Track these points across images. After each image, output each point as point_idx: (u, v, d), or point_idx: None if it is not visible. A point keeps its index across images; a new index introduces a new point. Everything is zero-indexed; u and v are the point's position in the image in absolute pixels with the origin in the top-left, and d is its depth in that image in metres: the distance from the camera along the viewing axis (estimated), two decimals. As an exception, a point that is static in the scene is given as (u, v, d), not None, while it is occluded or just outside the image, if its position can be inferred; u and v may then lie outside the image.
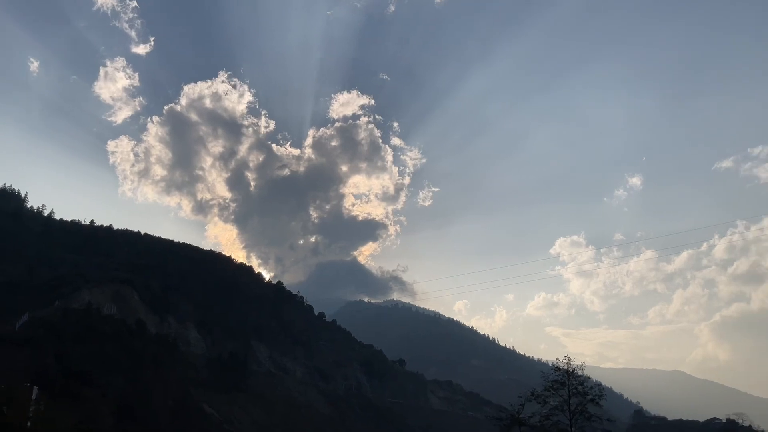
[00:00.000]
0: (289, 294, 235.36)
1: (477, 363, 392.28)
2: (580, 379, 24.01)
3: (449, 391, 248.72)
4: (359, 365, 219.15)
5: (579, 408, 23.51)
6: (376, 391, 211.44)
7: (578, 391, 23.61)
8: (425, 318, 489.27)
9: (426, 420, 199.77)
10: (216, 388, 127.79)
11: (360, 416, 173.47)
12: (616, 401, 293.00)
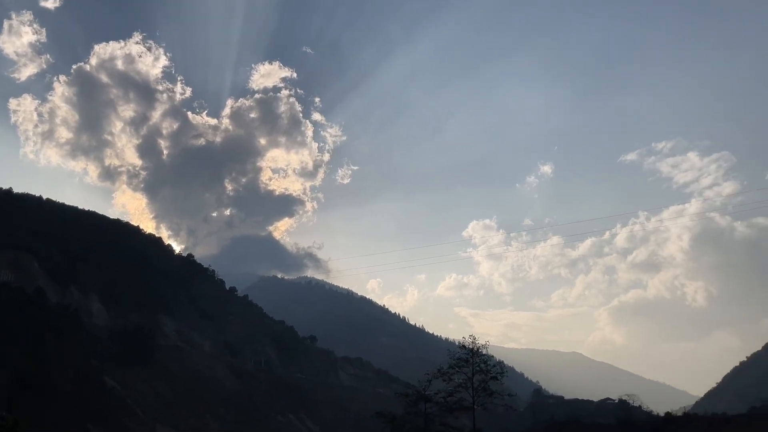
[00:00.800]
0: (199, 267, 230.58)
1: (387, 341, 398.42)
2: (484, 357, 24.88)
3: (359, 368, 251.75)
4: (270, 341, 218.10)
5: (482, 385, 24.37)
6: (285, 367, 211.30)
7: (481, 369, 24.45)
8: (338, 296, 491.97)
9: (335, 396, 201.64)
10: (119, 361, 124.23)
11: (268, 391, 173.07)
12: (517, 380, 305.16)
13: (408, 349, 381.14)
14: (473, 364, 24.41)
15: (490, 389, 24.50)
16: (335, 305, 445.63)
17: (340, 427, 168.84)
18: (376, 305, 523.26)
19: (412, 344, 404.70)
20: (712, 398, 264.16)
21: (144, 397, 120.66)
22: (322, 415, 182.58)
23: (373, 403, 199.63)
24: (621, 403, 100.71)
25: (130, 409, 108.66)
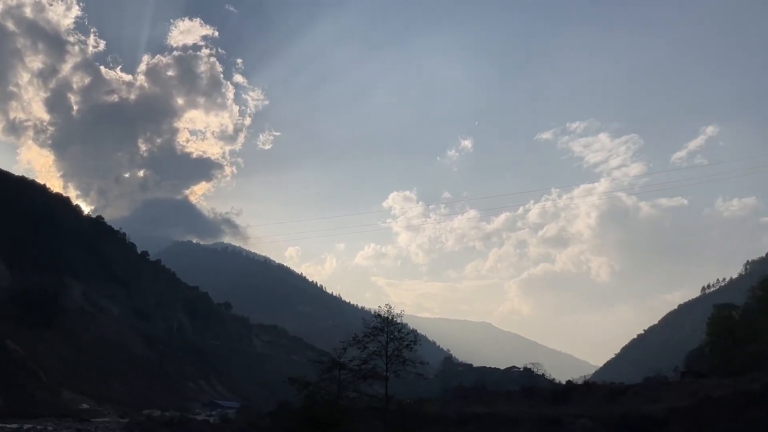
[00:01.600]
0: (109, 229, 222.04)
1: (303, 309, 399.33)
2: (399, 326, 25.38)
3: (274, 335, 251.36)
4: (182, 307, 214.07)
5: (395, 353, 24.89)
6: (198, 333, 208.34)
7: (395, 337, 24.96)
8: (255, 263, 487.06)
9: (248, 362, 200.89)
10: (21, 323, 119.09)
11: (179, 357, 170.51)
12: (429, 348, 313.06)
13: (324, 317, 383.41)
14: (388, 333, 24.85)
15: (403, 357, 25.06)
16: (252, 272, 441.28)
17: (254, 393, 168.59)
18: (294, 273, 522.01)
19: (328, 312, 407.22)
20: (611, 368, 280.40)
21: (48, 360, 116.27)
22: (234, 381, 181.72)
23: (288, 370, 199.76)
24: (526, 371, 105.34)
25: (32, 373, 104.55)
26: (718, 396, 58.08)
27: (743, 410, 54.57)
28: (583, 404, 72.21)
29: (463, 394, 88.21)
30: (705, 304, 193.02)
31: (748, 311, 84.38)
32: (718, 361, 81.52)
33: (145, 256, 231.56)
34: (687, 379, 72.74)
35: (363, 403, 25.73)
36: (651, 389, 71.43)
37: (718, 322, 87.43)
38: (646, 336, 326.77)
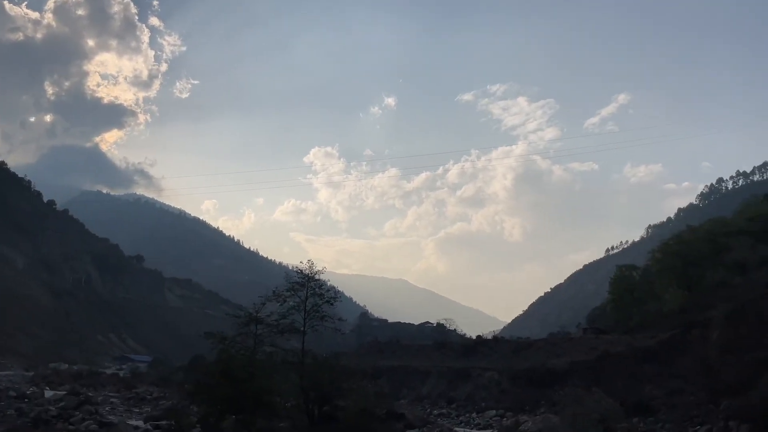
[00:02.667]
0: (13, 176, 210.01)
1: (220, 263, 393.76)
2: (318, 282, 25.55)
3: (187, 289, 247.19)
4: (91, 259, 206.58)
5: (314, 308, 25.09)
6: (108, 286, 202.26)
7: (315, 293, 25.13)
8: (170, 215, 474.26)
9: (161, 316, 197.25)
10: None
11: (88, 311, 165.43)
12: (347, 304, 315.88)
13: (240, 272, 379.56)
14: (308, 288, 24.97)
15: (322, 313, 25.30)
16: (166, 225, 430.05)
17: (166, 348, 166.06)
18: (210, 227, 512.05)
19: (245, 267, 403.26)
20: (519, 324, 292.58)
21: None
22: (146, 335, 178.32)
23: (202, 325, 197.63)
24: (438, 327, 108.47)
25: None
26: (617, 351, 61.80)
27: (640, 365, 58.39)
28: (491, 358, 75.22)
29: (377, 348, 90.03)
30: (608, 264, 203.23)
31: (647, 272, 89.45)
32: (618, 319, 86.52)
33: (51, 206, 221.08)
34: (589, 335, 76.82)
35: (279, 358, 25.87)
36: (555, 344, 75.08)
37: (620, 282, 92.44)
38: (553, 294, 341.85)
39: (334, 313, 26.96)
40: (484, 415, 59.68)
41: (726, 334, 51.80)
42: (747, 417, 40.25)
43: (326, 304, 25.56)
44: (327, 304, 25.66)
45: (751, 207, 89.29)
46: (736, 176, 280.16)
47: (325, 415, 24.47)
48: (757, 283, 56.14)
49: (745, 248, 70.68)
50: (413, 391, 72.51)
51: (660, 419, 49.86)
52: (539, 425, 22.08)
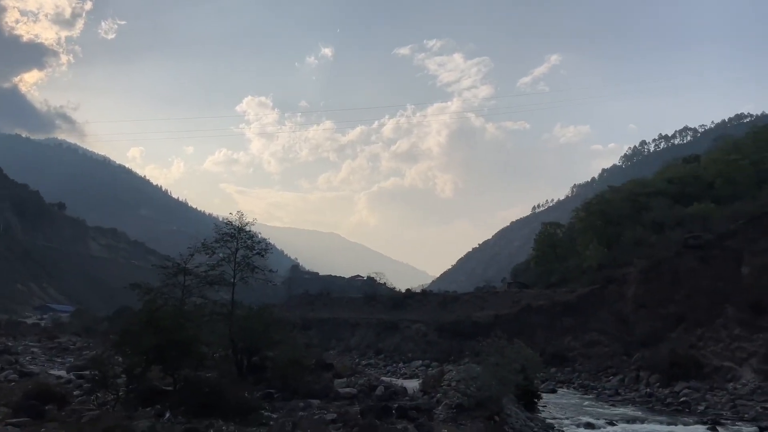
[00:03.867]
0: None
1: (146, 213, 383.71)
2: (249, 234, 25.31)
3: (112, 239, 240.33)
4: (9, 206, 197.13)
5: (244, 260, 24.92)
6: (28, 234, 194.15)
7: (246, 245, 24.91)
8: (94, 162, 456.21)
9: (84, 266, 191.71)
10: None
11: (6, 259, 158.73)
12: (278, 257, 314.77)
13: (168, 223, 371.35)
14: (238, 240, 24.72)
15: (252, 265, 25.14)
16: (89, 172, 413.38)
17: (90, 298, 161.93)
18: (136, 175, 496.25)
19: (173, 218, 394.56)
20: (447, 278, 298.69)
21: None
22: (69, 284, 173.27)
23: (128, 275, 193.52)
24: (369, 280, 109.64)
25: None
26: (539, 305, 64.26)
27: (559, 318, 60.98)
28: (419, 311, 76.94)
29: (308, 300, 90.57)
30: (534, 221, 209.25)
31: (570, 230, 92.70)
32: (541, 274, 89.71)
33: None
34: (513, 289, 79.44)
35: (208, 309, 25.70)
36: (481, 298, 77.42)
37: (544, 238, 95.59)
38: (481, 249, 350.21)
39: (264, 265, 26.84)
40: (411, 365, 61.46)
41: (641, 289, 54.60)
42: (656, 368, 42.93)
43: (257, 256, 25.39)
44: (258, 256, 25.49)
45: (670, 169, 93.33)
46: (658, 139, 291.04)
47: (254, 366, 24.62)
48: (672, 242, 59.09)
49: (662, 208, 74.01)
50: (342, 342, 73.66)
51: (576, 369, 52.55)
52: (462, 374, 22.88)
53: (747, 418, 28.50)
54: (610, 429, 25.91)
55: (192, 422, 15.76)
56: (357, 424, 16.53)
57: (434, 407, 20.15)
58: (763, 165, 74.40)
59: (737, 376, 38.39)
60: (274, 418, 17.55)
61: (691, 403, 34.34)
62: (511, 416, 20.52)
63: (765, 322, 39.87)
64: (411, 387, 26.19)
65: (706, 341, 43.45)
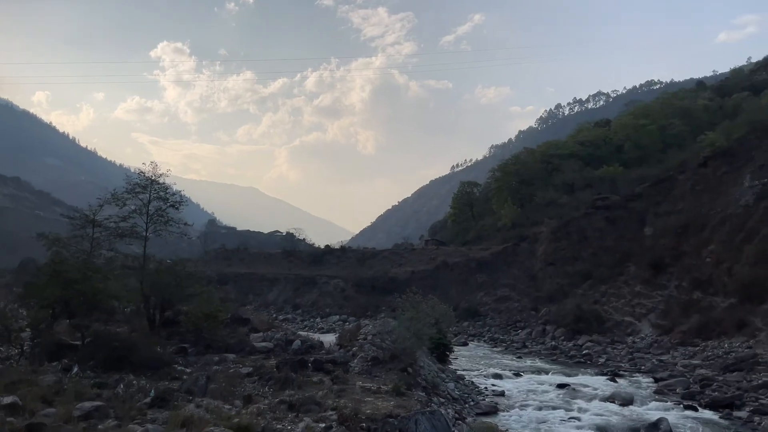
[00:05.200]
0: None
1: (52, 162, 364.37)
2: (163, 185, 24.38)
3: (15, 188, 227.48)
4: None
5: (157, 212, 24.04)
6: None
7: (159, 197, 24.00)
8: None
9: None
10: None
11: None
12: (194, 210, 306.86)
13: (76, 173, 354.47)
14: (151, 191, 23.78)
15: (166, 217, 24.28)
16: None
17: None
18: (41, 122, 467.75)
19: (82, 168, 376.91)
20: (366, 235, 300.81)
21: None
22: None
23: (33, 226, 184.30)
24: (288, 236, 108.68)
25: None
26: (454, 261, 65.88)
27: (473, 274, 62.79)
28: (337, 266, 77.40)
29: (225, 255, 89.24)
30: (453, 180, 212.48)
31: (487, 190, 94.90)
32: (457, 232, 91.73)
33: None
34: (430, 246, 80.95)
35: (118, 262, 24.83)
36: (398, 254, 78.58)
37: (461, 197, 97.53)
38: (400, 207, 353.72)
39: (179, 219, 26.06)
40: (328, 320, 62.01)
41: (550, 248, 56.86)
42: (562, 322, 45.07)
43: (171, 208, 24.55)
44: (172, 209, 24.65)
45: (582, 132, 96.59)
46: (573, 103, 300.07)
47: (167, 320, 24.14)
48: (581, 203, 61.60)
49: (573, 170, 76.79)
50: (260, 297, 73.32)
51: (488, 323, 54.52)
52: (378, 328, 23.28)
53: (644, 369, 30.39)
54: (516, 380, 27.08)
55: (101, 377, 15.38)
56: (273, 377, 16.57)
57: (350, 360, 20.44)
58: (669, 130, 78.18)
59: (636, 331, 40.84)
60: (188, 372, 17.36)
61: (593, 355, 36.28)
62: (423, 368, 21.09)
63: (664, 280, 42.41)
64: (328, 341, 26.46)
65: (609, 297, 45.91)
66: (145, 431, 10.34)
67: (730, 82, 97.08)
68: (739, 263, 36.19)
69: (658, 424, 16.83)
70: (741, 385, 23.14)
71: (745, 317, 32.73)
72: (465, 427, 15.50)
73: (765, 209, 37.37)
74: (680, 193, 49.25)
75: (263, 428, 11.49)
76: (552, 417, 18.65)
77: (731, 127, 59.63)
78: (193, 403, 13.15)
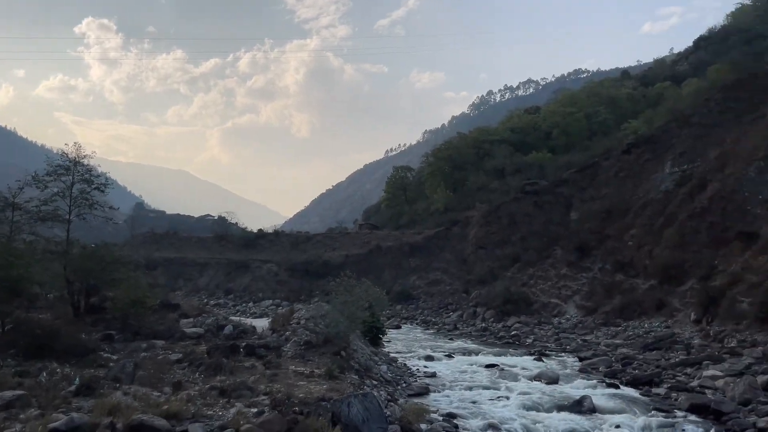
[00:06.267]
0: None
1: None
2: (88, 167, 23.49)
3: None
4: None
5: (81, 195, 23.16)
6: None
7: (83, 179, 23.12)
8: None
9: None
10: None
11: None
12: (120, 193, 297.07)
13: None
14: (74, 173, 22.88)
15: (91, 200, 23.41)
16: None
17: None
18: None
19: (0, 148, 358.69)
20: (300, 219, 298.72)
21: None
22: None
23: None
24: (220, 220, 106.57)
25: None
26: (387, 245, 66.41)
27: (407, 258, 63.47)
28: (270, 251, 76.73)
29: (153, 239, 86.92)
30: (387, 165, 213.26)
31: (420, 174, 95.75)
32: (391, 216, 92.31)
33: None
34: (364, 230, 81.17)
35: (40, 247, 23.82)
36: (332, 238, 78.54)
37: (395, 181, 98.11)
38: (334, 191, 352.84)
39: (104, 202, 25.24)
40: (261, 304, 61.50)
41: (481, 232, 58.05)
42: (491, 304, 46.20)
43: (96, 191, 23.70)
44: (97, 192, 23.80)
45: (512, 119, 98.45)
46: (504, 89, 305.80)
47: (93, 307, 23.43)
48: (511, 188, 63.03)
49: (504, 156, 78.35)
50: (190, 282, 71.95)
51: (420, 306, 55.32)
52: (312, 312, 23.30)
53: (569, 349, 31.51)
54: (447, 361, 27.62)
55: (23, 365, 14.82)
56: (203, 363, 16.35)
57: (283, 345, 20.37)
58: (595, 118, 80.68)
59: (562, 312, 42.30)
60: (114, 359, 16.92)
61: (521, 336, 37.38)
62: (357, 351, 21.26)
63: (588, 263, 44.01)
64: (261, 326, 26.28)
65: (537, 280, 47.33)
66: (70, 420, 10.06)
67: (653, 72, 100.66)
68: (659, 246, 37.91)
69: (581, 401, 17.55)
70: (660, 363, 24.32)
71: (664, 298, 34.38)
72: (397, 408, 15.74)
73: (684, 195, 39.21)
74: (605, 179, 51.12)
75: (193, 414, 11.37)
76: (481, 396, 19.14)
77: (653, 116, 61.98)
78: (120, 390, 12.88)
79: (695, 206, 36.82)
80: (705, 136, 43.10)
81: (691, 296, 32.22)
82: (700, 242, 34.68)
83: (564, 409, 17.24)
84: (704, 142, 42.53)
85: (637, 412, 17.25)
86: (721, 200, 34.99)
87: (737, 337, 25.84)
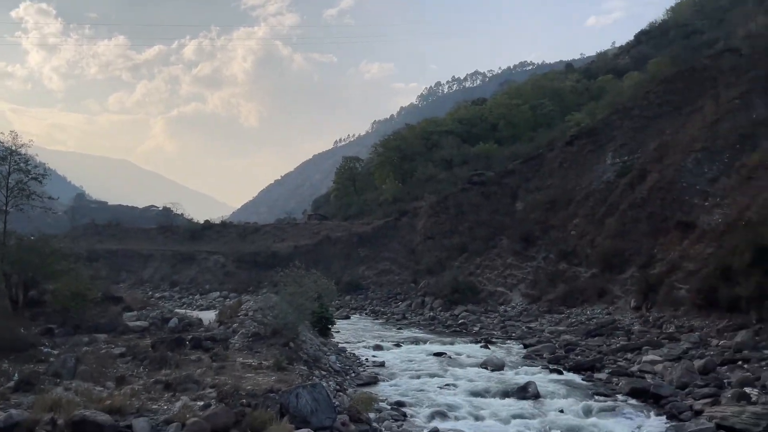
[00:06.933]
0: None
1: None
2: (24, 157, 22.71)
3: None
4: None
5: (18, 185, 22.40)
6: None
7: (20, 169, 22.35)
8: None
9: None
10: None
11: None
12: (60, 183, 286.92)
13: None
14: (11, 163, 22.09)
15: (28, 190, 22.66)
16: None
17: None
18: None
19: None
20: (248, 209, 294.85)
21: None
22: None
23: None
24: (165, 211, 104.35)
25: None
26: (337, 236, 66.31)
27: (356, 248, 63.50)
28: (218, 242, 75.70)
29: (95, 231, 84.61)
30: (336, 155, 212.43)
31: (369, 165, 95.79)
32: (340, 206, 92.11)
33: None
34: (313, 221, 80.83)
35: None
36: (281, 229, 77.95)
37: (344, 172, 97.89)
38: (282, 181, 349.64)
39: (43, 192, 24.46)
40: (208, 296, 60.60)
41: (429, 222, 58.53)
42: (439, 293, 46.70)
43: (33, 181, 22.95)
44: (35, 182, 23.05)
45: (460, 110, 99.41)
46: (452, 81, 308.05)
47: (32, 300, 22.70)
48: (459, 179, 63.73)
49: (452, 147, 79.11)
50: (134, 274, 70.38)
51: (369, 296, 55.48)
52: (260, 303, 23.13)
53: (514, 336, 32.14)
54: (396, 350, 27.84)
55: (-44, 362, 14.28)
56: (148, 356, 16.05)
57: (230, 337, 20.16)
58: (540, 110, 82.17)
59: (508, 300, 43.09)
60: (55, 354, 16.45)
61: (468, 324, 37.93)
62: (306, 342, 21.22)
63: (533, 252, 44.92)
64: (207, 318, 25.92)
65: (483, 269, 48.04)
66: (9, 416, 9.77)
67: (595, 65, 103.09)
68: (600, 236, 38.96)
69: (526, 387, 17.94)
70: (601, 349, 25.05)
71: (605, 286, 35.40)
72: (346, 398, 15.81)
73: (625, 186, 40.36)
74: (549, 170, 52.17)
75: (138, 409, 11.18)
76: (429, 384, 19.37)
77: (596, 108, 63.52)
78: (61, 386, 12.55)
79: (635, 196, 37.94)
80: (645, 127, 44.45)
81: (631, 284, 33.24)
82: (640, 231, 35.76)
83: (509, 395, 17.59)
84: (644, 134, 43.88)
85: (579, 396, 17.75)
86: (660, 191, 36.12)
87: (675, 323, 26.79)
